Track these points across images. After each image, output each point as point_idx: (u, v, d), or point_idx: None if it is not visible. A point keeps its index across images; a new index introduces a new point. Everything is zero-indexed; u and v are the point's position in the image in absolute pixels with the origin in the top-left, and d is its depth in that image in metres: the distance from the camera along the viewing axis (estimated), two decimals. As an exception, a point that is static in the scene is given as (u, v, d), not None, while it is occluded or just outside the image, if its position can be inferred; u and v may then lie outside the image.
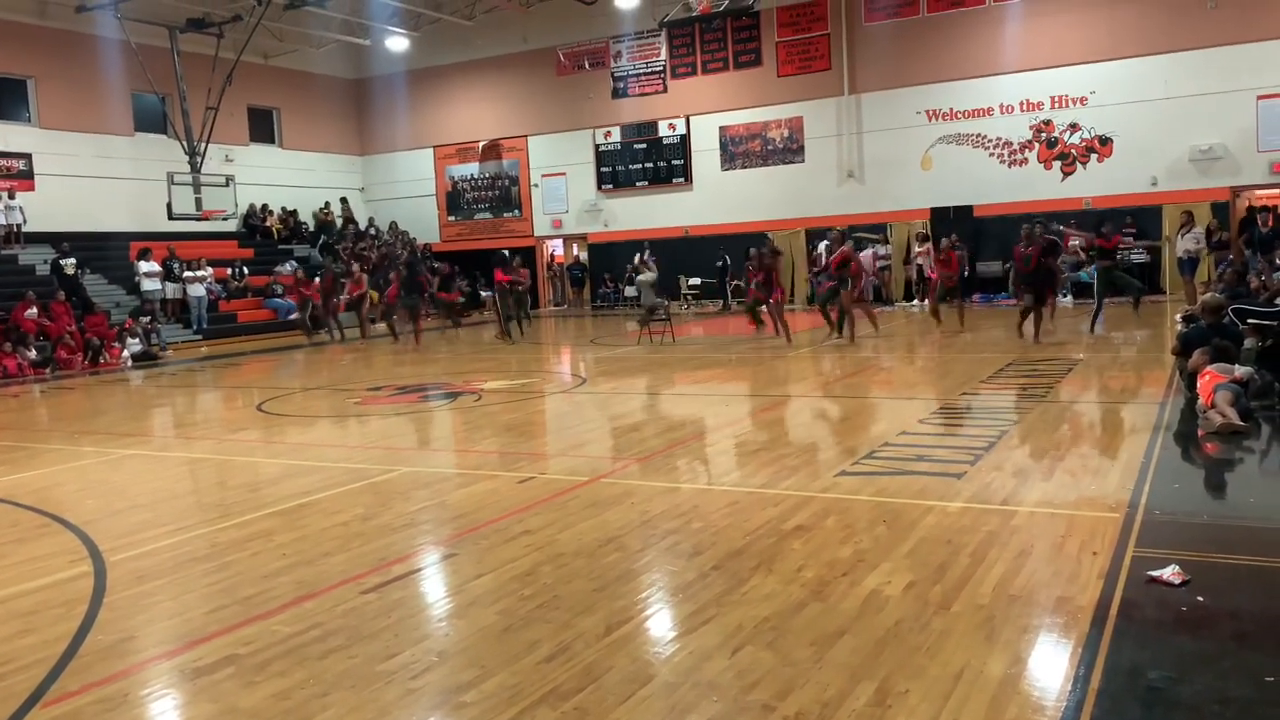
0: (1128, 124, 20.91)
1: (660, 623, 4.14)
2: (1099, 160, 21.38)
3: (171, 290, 22.68)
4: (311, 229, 28.73)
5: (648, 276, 17.51)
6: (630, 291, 25.80)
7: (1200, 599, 4.04)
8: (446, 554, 5.39)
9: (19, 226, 21.87)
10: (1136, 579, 4.29)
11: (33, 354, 17.76)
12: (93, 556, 5.55)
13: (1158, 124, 20.60)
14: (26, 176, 22.56)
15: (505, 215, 28.99)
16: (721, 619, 4.08)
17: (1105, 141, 21.26)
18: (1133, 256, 19.93)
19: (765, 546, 5.03)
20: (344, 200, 29.68)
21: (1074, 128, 21.51)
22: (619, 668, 3.63)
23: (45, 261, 21.44)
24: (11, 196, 21.80)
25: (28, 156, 22.61)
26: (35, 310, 18.72)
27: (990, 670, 3.47)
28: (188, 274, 22.72)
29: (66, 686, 3.73)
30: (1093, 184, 21.36)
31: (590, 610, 4.25)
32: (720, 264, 24.88)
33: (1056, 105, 21.61)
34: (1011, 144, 22.12)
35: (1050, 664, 3.55)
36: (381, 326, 20.96)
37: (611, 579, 4.65)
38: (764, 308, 15.82)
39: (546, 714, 3.30)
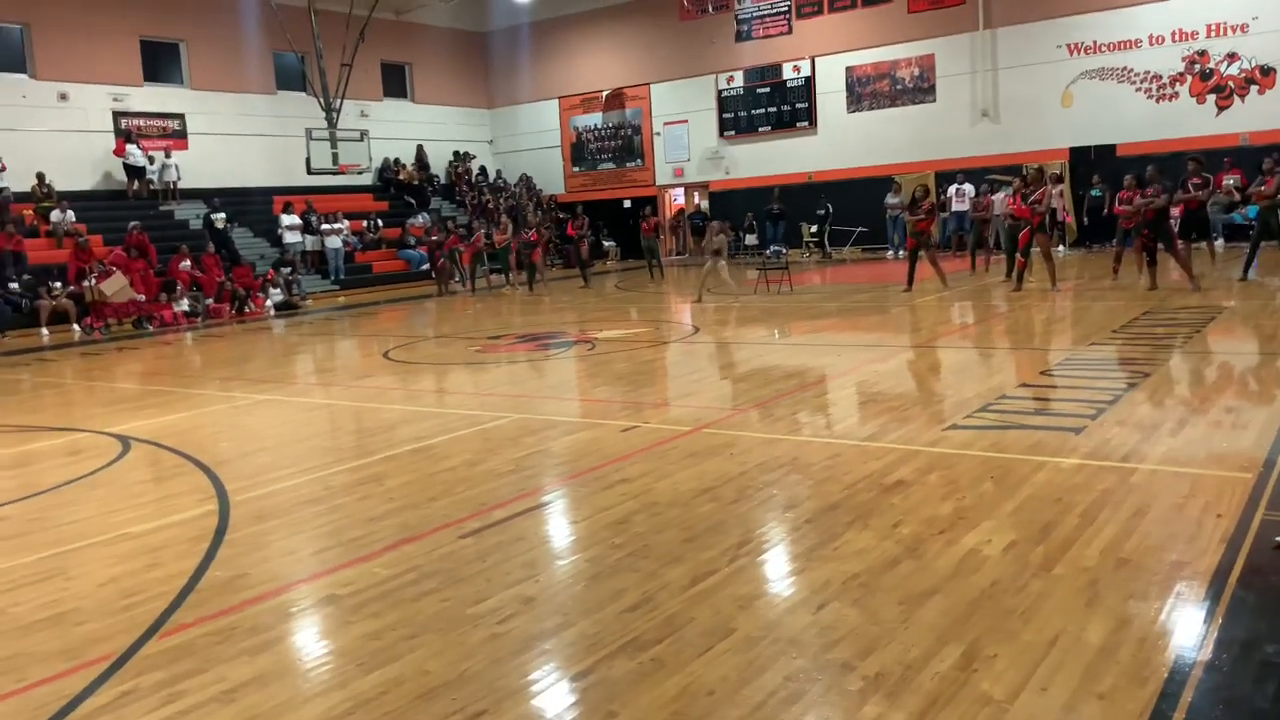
0: (1294, 52, 19.19)
1: (746, 576, 4.10)
2: (1259, 92, 19.69)
3: (310, 242, 23.67)
4: (443, 181, 29.39)
5: (719, 241, 16.76)
6: (751, 240, 25.51)
7: (1333, 568, 3.75)
8: (544, 501, 5.48)
9: (174, 183, 23.17)
10: (1263, 545, 4.01)
11: (185, 304, 18.88)
12: (219, 496, 5.89)
13: (1329, 51, 18.84)
14: (180, 136, 23.83)
15: (628, 165, 28.96)
16: (809, 574, 4.02)
17: (1267, 72, 19.54)
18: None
19: (863, 501, 4.91)
20: (458, 154, 29.97)
21: (1232, 58, 19.85)
22: (700, 620, 3.63)
23: (198, 216, 22.69)
24: (168, 155, 23.09)
25: (181, 117, 23.86)
26: (189, 263, 19.86)
27: (1088, 637, 3.30)
28: (325, 226, 23.63)
29: (183, 619, 3.98)
30: (1252, 119, 19.70)
31: (678, 561, 4.25)
32: (822, 212, 24.35)
33: (1213, 34, 19.96)
34: (1160, 77, 20.61)
35: (1155, 632, 3.35)
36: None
37: (702, 530, 4.63)
38: (923, 252, 15.14)
39: (624, 664, 3.32)
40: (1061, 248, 19.97)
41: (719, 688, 3.14)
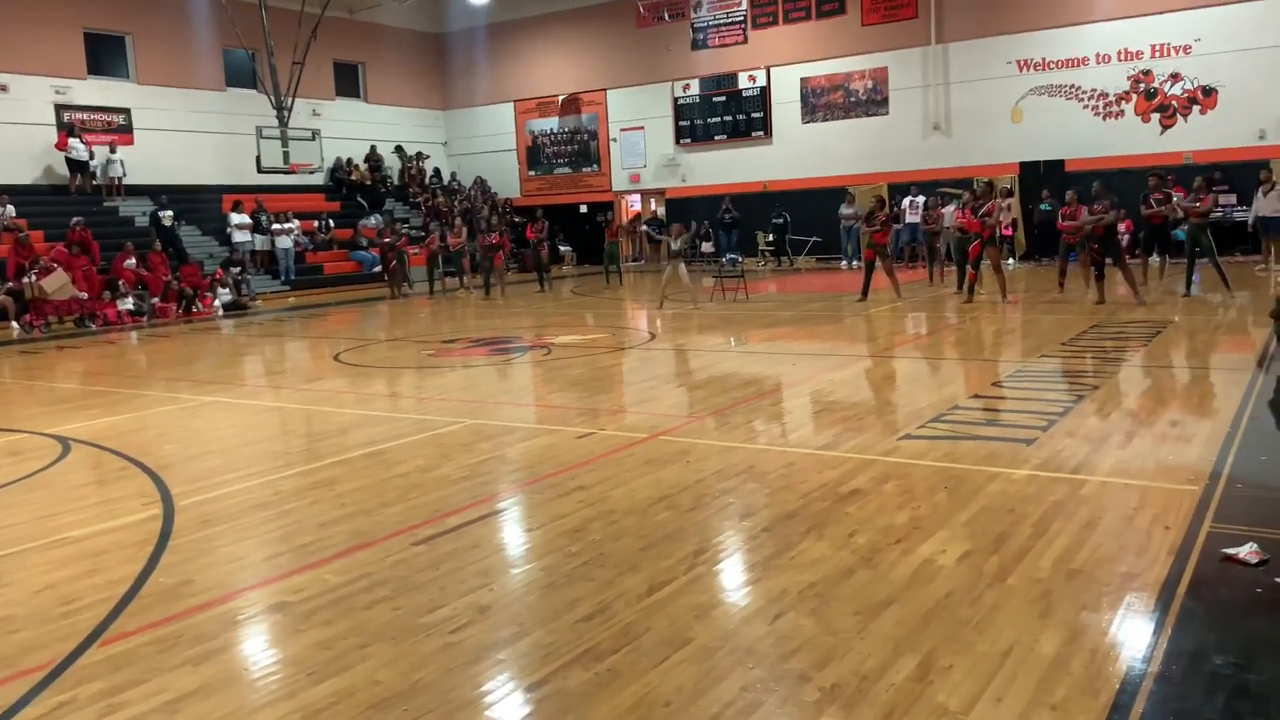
0: (1234, 74, 19.68)
1: (703, 585, 4.08)
2: (1201, 112, 20.21)
3: (260, 242, 23.27)
4: (396, 182, 29.08)
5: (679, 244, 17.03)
6: (707, 247, 25.59)
7: (1278, 580, 3.82)
8: (499, 508, 5.42)
9: (120, 179, 22.64)
10: (1210, 556, 4.08)
11: (130, 303, 18.43)
12: (164, 500, 5.74)
13: (1267, 73, 19.28)
14: (126, 131, 23.29)
15: (584, 170, 28.91)
16: (766, 583, 4.01)
17: (1209, 92, 20.08)
18: (1234, 215, 18.93)
19: (819, 510, 4.92)
20: (400, 150, 29.51)
21: (1175, 78, 20.36)
22: (657, 630, 3.60)
23: (144, 213, 22.18)
24: (112, 150, 22.56)
25: (127, 111, 23.33)
26: (134, 261, 19.39)
27: (1041, 648, 3.33)
28: (275, 226, 23.25)
29: (125, 626, 3.86)
30: (1194, 138, 20.22)
31: (634, 569, 4.22)
32: (779, 221, 24.56)
33: (1157, 54, 20.45)
34: (1107, 95, 21.06)
35: (1107, 644, 3.39)
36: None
37: (659, 538, 4.61)
38: (879, 263, 15.17)
39: (579, 674, 3.28)
40: (1011, 261, 20.32)
41: (675, 698, 3.11)
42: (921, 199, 21.11)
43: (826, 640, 3.45)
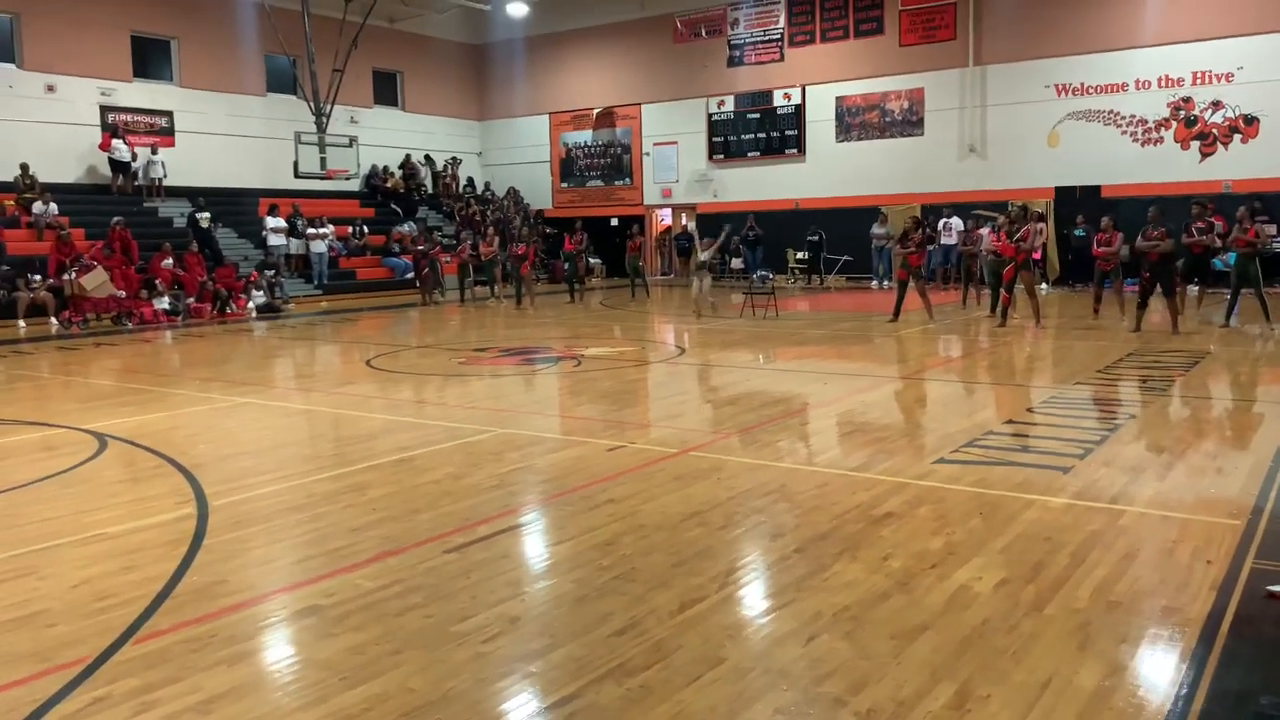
0: (1277, 103, 19.48)
1: (735, 604, 4.05)
2: (1242, 141, 20.00)
3: (295, 246, 23.50)
4: (430, 190, 29.30)
5: (705, 256, 17.24)
6: (736, 264, 25.58)
7: (1323, 619, 3.74)
8: (529, 518, 5.42)
9: (160, 180, 22.96)
10: (1254, 593, 4.00)
11: (166, 303, 18.65)
12: (198, 500, 5.78)
13: (1312, 103, 19.12)
14: (168, 133, 23.64)
15: (616, 183, 29.00)
16: (799, 604, 3.98)
17: (1251, 121, 19.86)
18: (1274, 246, 18.66)
19: (852, 532, 4.88)
20: (428, 158, 29.68)
21: (1216, 106, 20.17)
22: (689, 647, 3.57)
23: (182, 215, 22.48)
24: (154, 152, 22.89)
25: (169, 114, 23.68)
26: (171, 261, 19.65)
27: (1081, 681, 3.28)
28: (310, 231, 23.48)
29: (159, 625, 3.89)
30: (1234, 166, 20.00)
31: (666, 585, 4.19)
32: (815, 239, 24.47)
33: (1198, 81, 20.27)
34: (1146, 122, 20.89)
35: (1149, 679, 3.33)
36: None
37: (690, 555, 4.58)
38: (912, 284, 15.05)
39: (612, 689, 3.26)
40: (1044, 285, 20.14)
41: (708, 718, 3.08)
42: (957, 221, 21.01)
43: (861, 665, 3.41)
